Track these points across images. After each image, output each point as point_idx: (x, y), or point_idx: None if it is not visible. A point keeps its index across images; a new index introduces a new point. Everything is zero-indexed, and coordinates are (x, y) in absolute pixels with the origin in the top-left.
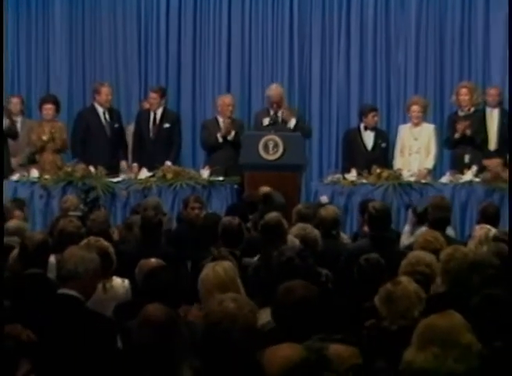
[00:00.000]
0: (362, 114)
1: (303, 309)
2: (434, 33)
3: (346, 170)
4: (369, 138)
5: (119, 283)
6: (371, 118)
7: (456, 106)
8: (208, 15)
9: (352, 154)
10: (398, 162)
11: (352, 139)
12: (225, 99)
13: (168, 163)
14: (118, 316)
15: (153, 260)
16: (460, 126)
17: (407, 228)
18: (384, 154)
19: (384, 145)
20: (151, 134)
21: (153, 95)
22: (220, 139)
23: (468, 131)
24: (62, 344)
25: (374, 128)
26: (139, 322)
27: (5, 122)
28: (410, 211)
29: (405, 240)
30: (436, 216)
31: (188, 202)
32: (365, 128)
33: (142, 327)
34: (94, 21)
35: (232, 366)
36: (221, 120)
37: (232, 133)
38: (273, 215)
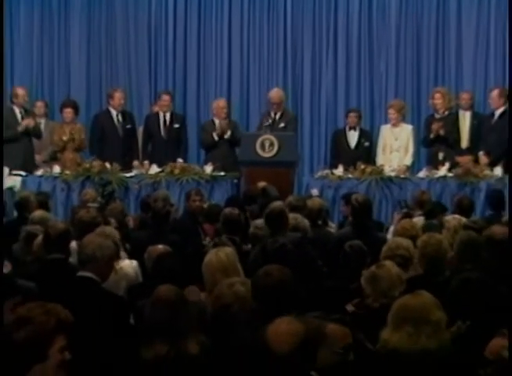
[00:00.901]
0: (345, 115)
1: (279, 290)
2: (411, 43)
3: (334, 166)
4: (353, 137)
5: (128, 264)
6: (350, 118)
7: (433, 109)
8: (211, 27)
9: (338, 152)
10: (380, 159)
11: (338, 139)
12: (220, 103)
13: (180, 160)
14: (130, 296)
15: (160, 246)
16: (434, 127)
17: (392, 228)
18: (366, 152)
19: (367, 144)
20: (163, 133)
21: (165, 97)
22: (216, 138)
23: (442, 132)
24: (81, 320)
25: (359, 129)
26: (153, 300)
27: (30, 123)
28: (396, 214)
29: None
30: (430, 207)
31: (190, 195)
32: (350, 129)
33: (155, 305)
34: (109, 34)
35: (240, 343)
36: (217, 121)
37: (229, 132)
38: (277, 204)
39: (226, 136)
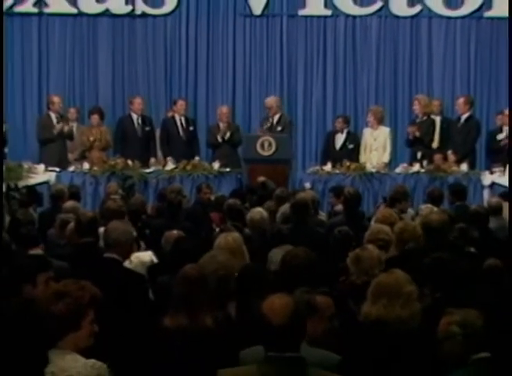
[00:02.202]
0: (334, 120)
1: (305, 269)
2: (390, 59)
3: (323, 163)
4: (339, 140)
5: (143, 254)
6: (337, 123)
7: (414, 114)
8: (218, 43)
9: (327, 152)
10: (362, 157)
11: (328, 140)
12: (223, 109)
13: (197, 158)
14: (151, 274)
15: (175, 232)
16: (410, 130)
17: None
18: (350, 153)
19: (351, 146)
20: (181, 135)
21: (182, 103)
22: (219, 139)
23: (417, 133)
24: (107, 294)
25: (347, 132)
26: (178, 277)
27: (65, 127)
28: (379, 205)
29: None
30: (397, 196)
31: (201, 188)
32: (337, 132)
33: (180, 281)
34: (131, 50)
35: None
36: (221, 125)
37: (228, 134)
38: (302, 195)
39: (226, 137)
